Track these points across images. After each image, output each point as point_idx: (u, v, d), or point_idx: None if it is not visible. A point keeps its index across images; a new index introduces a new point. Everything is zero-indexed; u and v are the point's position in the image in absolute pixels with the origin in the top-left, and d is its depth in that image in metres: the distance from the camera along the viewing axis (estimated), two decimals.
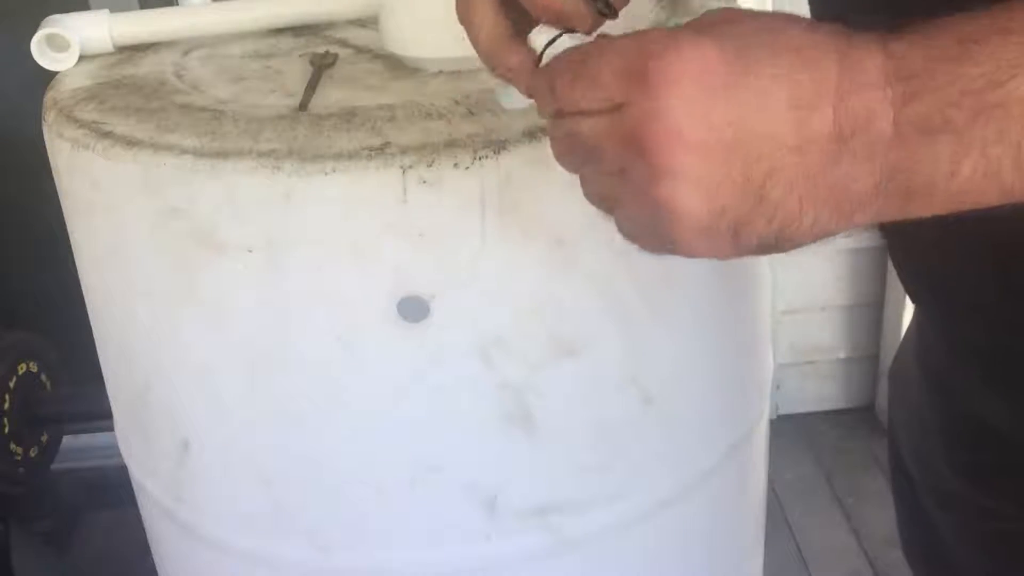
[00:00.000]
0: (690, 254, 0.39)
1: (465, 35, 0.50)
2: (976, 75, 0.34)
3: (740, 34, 0.37)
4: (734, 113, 0.35)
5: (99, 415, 1.01)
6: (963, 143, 0.34)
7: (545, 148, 0.65)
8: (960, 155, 0.35)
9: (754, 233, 0.37)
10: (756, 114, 0.35)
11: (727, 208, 0.37)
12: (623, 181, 0.39)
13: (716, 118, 0.36)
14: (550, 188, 0.66)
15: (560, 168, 0.66)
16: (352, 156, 0.64)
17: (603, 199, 0.42)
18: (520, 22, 0.48)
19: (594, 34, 0.46)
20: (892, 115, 0.35)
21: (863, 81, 0.35)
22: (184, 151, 0.66)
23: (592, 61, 0.39)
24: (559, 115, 0.42)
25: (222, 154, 0.65)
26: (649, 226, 0.39)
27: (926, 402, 0.75)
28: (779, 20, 0.37)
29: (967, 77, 0.34)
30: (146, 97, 0.78)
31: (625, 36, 0.39)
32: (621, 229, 0.42)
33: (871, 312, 2.01)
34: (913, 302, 0.71)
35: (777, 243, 0.38)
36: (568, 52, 0.42)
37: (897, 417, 0.82)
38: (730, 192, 0.36)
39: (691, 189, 0.37)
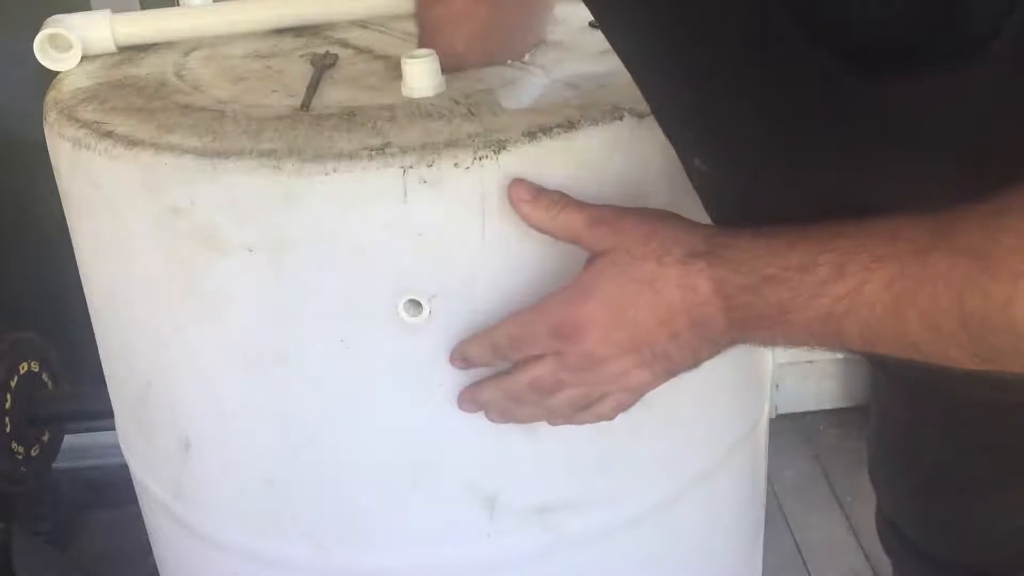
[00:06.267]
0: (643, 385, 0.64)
1: None
2: (774, 302, 0.54)
3: (617, 286, 0.60)
4: (626, 335, 0.60)
5: (100, 414, 1.01)
6: (773, 331, 0.55)
7: (545, 148, 0.65)
8: (776, 335, 0.56)
9: (664, 365, 0.62)
10: (639, 329, 0.60)
11: (644, 360, 0.62)
12: (581, 382, 0.64)
13: (617, 340, 0.61)
14: (550, 188, 0.66)
15: (560, 168, 0.66)
16: (352, 156, 0.64)
17: (569, 406, 0.66)
18: None
19: None
20: (723, 317, 0.57)
21: (699, 299, 0.57)
22: (185, 151, 0.67)
23: (530, 327, 0.63)
24: (515, 368, 0.66)
25: (223, 154, 0.66)
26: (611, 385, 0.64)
27: None
28: (638, 267, 0.59)
29: (766, 302, 0.54)
30: (147, 97, 0.78)
31: (550, 299, 0.63)
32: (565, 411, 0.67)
33: None
34: None
35: (677, 369, 0.62)
36: (510, 321, 0.65)
37: None
38: (642, 360, 0.61)
39: (620, 362, 0.62)
